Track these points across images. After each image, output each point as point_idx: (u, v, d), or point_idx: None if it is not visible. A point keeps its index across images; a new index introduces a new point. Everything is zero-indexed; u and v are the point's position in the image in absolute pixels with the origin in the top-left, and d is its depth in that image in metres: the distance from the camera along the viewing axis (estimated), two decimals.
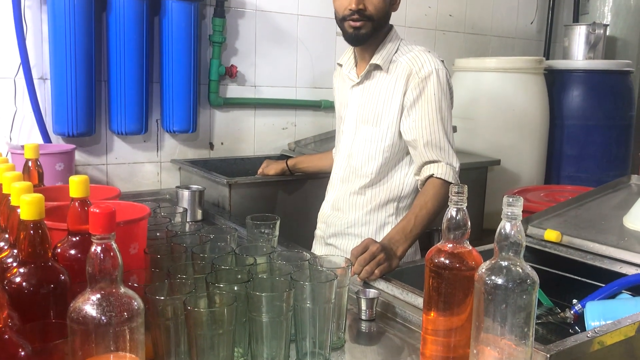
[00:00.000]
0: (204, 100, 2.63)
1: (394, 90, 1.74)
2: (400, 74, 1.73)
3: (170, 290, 1.05)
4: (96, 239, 0.83)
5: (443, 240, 1.06)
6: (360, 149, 1.81)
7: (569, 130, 3.38)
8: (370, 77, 1.81)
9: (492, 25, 3.72)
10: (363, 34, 1.72)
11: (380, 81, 1.78)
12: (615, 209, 1.92)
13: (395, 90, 1.74)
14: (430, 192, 1.66)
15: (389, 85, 1.76)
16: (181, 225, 1.53)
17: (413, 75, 1.71)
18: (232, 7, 2.65)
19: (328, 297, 1.07)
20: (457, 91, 3.23)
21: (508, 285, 0.95)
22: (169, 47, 2.38)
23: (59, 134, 2.27)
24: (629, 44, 3.87)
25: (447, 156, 1.70)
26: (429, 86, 1.69)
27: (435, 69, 1.70)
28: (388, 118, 1.76)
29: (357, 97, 1.84)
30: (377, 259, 1.45)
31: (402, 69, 1.73)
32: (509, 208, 0.97)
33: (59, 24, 2.14)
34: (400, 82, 1.73)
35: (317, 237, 1.99)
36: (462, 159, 2.83)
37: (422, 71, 1.70)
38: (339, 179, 1.90)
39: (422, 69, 1.70)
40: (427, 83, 1.69)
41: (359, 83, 1.83)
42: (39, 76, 2.27)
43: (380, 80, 1.78)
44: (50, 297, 0.91)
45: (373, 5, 1.69)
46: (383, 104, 1.76)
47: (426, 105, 1.69)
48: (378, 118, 1.77)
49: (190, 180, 2.43)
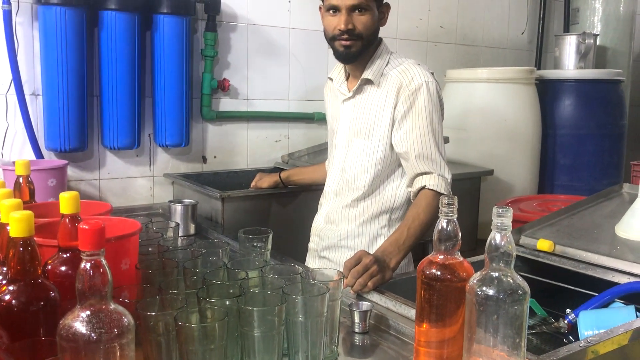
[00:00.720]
0: (197, 114, 2.64)
1: (384, 104, 1.75)
2: (390, 87, 1.75)
3: (162, 305, 1.04)
4: (86, 256, 0.82)
5: (434, 252, 1.06)
6: (353, 162, 1.82)
7: (562, 140, 3.40)
8: (361, 91, 1.82)
9: (483, 36, 3.75)
10: (353, 52, 1.73)
11: (371, 95, 1.79)
12: (607, 217, 1.93)
13: (386, 104, 1.75)
14: (423, 204, 1.66)
15: (380, 98, 1.77)
16: (173, 240, 1.52)
17: (403, 89, 1.72)
18: (223, 21, 2.66)
19: (320, 311, 1.07)
20: (449, 102, 3.26)
21: (499, 296, 0.95)
22: (161, 61, 2.39)
23: (51, 149, 2.27)
24: (619, 53, 3.90)
25: (438, 168, 1.70)
26: (419, 99, 1.70)
27: (425, 81, 1.71)
28: (379, 131, 1.76)
29: (349, 110, 1.85)
30: (370, 271, 1.45)
31: (392, 82, 1.75)
32: (499, 219, 0.97)
33: (50, 40, 2.15)
34: (391, 96, 1.74)
35: (310, 250, 1.99)
36: (455, 170, 2.85)
37: (412, 84, 1.71)
38: (332, 192, 1.90)
39: (412, 82, 1.71)
40: (418, 96, 1.70)
41: (351, 97, 1.84)
42: (31, 92, 2.27)
43: (372, 94, 1.79)
44: (39, 314, 0.90)
45: (362, 25, 1.70)
46: (375, 117, 1.77)
47: (417, 117, 1.70)
48: (370, 131, 1.78)
49: (183, 194, 2.42)
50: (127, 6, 2.25)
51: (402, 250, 1.61)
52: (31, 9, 2.23)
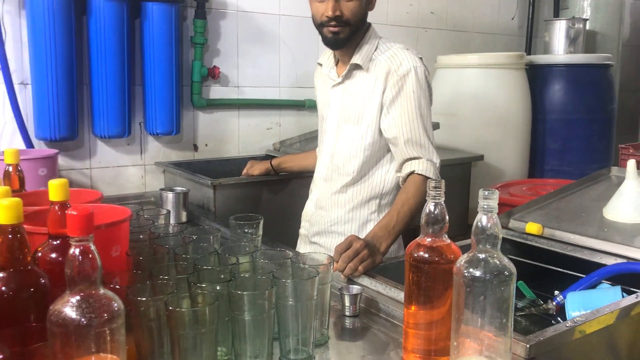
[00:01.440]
0: (187, 102, 2.63)
1: (373, 89, 1.76)
2: (379, 72, 1.75)
3: (153, 291, 1.05)
4: (74, 241, 0.83)
5: (422, 235, 1.07)
6: (343, 147, 1.83)
7: (551, 125, 3.42)
8: (350, 76, 1.82)
9: (473, 22, 3.75)
10: (342, 39, 1.73)
11: (360, 80, 1.79)
12: (595, 200, 1.95)
13: (375, 89, 1.75)
14: (412, 189, 1.67)
15: (368, 83, 1.77)
16: (164, 227, 1.53)
17: (392, 73, 1.72)
18: (213, 8, 2.65)
19: (310, 294, 1.08)
20: (440, 88, 3.28)
21: (486, 277, 0.97)
22: (151, 49, 2.38)
23: (41, 139, 2.26)
24: (608, 37, 3.91)
25: (427, 153, 1.71)
26: (408, 84, 1.71)
27: (413, 66, 1.72)
28: (368, 116, 1.77)
29: (339, 96, 1.85)
30: (360, 255, 1.46)
31: (381, 67, 1.75)
32: (485, 201, 0.98)
33: (38, 28, 2.13)
34: (380, 80, 1.74)
35: (301, 236, 2.00)
36: (446, 155, 2.87)
37: (400, 69, 1.72)
38: (322, 178, 1.91)
39: (400, 66, 1.72)
40: (406, 81, 1.71)
41: (340, 83, 1.84)
42: (20, 81, 2.26)
43: (361, 79, 1.79)
44: (30, 301, 0.91)
45: (349, 11, 1.70)
46: (364, 103, 1.78)
47: (405, 102, 1.71)
48: (359, 116, 1.79)
49: (175, 182, 2.42)
50: None
51: (392, 234, 1.62)
52: None
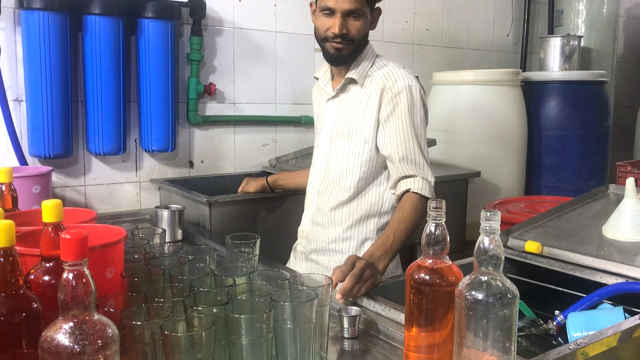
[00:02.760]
0: (183, 118, 2.62)
1: (367, 105, 1.76)
2: (374, 88, 1.75)
3: (148, 314, 1.03)
4: (68, 266, 0.81)
5: (423, 256, 1.05)
6: (338, 162, 1.82)
7: (547, 141, 3.42)
8: (345, 90, 1.82)
9: (468, 39, 3.76)
10: (344, 56, 1.75)
11: (355, 95, 1.79)
12: (594, 218, 1.94)
13: (369, 105, 1.75)
14: (408, 207, 1.66)
15: (362, 99, 1.77)
16: (160, 246, 1.51)
17: (386, 90, 1.72)
18: (209, 25, 2.65)
19: (309, 317, 1.05)
20: (436, 104, 3.28)
21: (488, 300, 0.95)
22: (146, 66, 2.37)
23: (35, 156, 2.24)
24: (602, 54, 3.93)
25: (422, 171, 1.71)
26: (402, 101, 1.71)
27: (408, 85, 1.72)
28: (363, 132, 1.76)
29: (333, 110, 1.85)
30: (364, 275, 1.44)
31: (376, 83, 1.75)
32: (487, 222, 0.97)
33: (33, 45, 2.12)
34: (374, 97, 1.74)
35: (297, 252, 1.98)
36: (442, 172, 2.86)
37: (395, 86, 1.72)
38: (315, 192, 1.90)
39: (395, 84, 1.72)
40: (401, 98, 1.71)
41: (335, 96, 1.85)
42: (14, 98, 2.24)
43: (355, 94, 1.79)
44: (22, 326, 0.88)
45: (356, 29, 1.71)
46: (357, 118, 1.77)
47: (400, 120, 1.71)
48: (352, 132, 1.78)
49: (170, 200, 2.40)
50: (111, 11, 2.23)
51: (389, 253, 1.60)
52: (14, 14, 2.20)
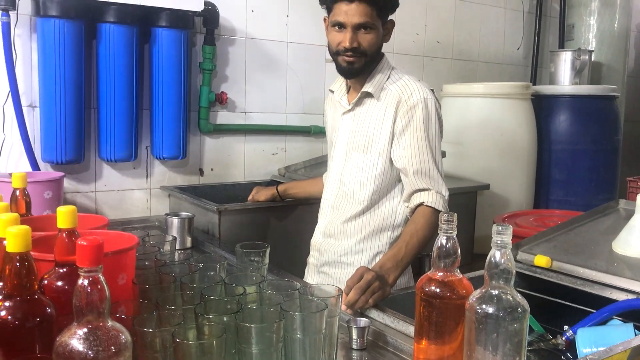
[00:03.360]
0: (194, 126, 2.64)
1: (384, 118, 1.76)
2: (390, 101, 1.75)
3: (159, 321, 1.03)
4: (83, 272, 0.82)
5: (433, 269, 1.05)
6: (352, 175, 1.82)
7: (557, 155, 3.41)
8: (361, 104, 1.82)
9: (479, 52, 3.77)
10: (356, 69, 1.75)
11: (370, 108, 1.80)
12: (604, 233, 1.93)
13: (385, 118, 1.75)
14: (421, 220, 1.66)
15: (379, 112, 1.77)
16: (170, 254, 1.51)
17: (402, 103, 1.73)
18: (222, 35, 2.67)
19: (319, 327, 1.06)
20: (445, 117, 3.24)
21: (499, 314, 0.95)
22: (159, 74, 2.39)
23: (47, 161, 2.26)
24: (613, 69, 3.93)
25: (436, 185, 1.71)
26: (418, 114, 1.71)
27: (423, 98, 1.72)
28: (379, 145, 1.77)
29: (348, 123, 1.85)
30: (372, 287, 1.44)
31: (392, 96, 1.75)
32: (499, 236, 0.97)
33: (48, 52, 2.15)
34: (390, 110, 1.75)
35: (310, 265, 1.98)
36: (452, 184, 2.85)
37: (410, 99, 1.72)
38: (330, 205, 1.90)
39: (410, 97, 1.72)
40: (416, 111, 1.71)
41: (350, 110, 1.85)
42: (28, 104, 2.27)
43: (371, 107, 1.79)
44: (36, 331, 0.89)
45: (367, 42, 1.71)
46: (373, 131, 1.77)
47: (415, 133, 1.71)
48: (368, 145, 1.78)
49: (180, 207, 2.41)
50: (125, 19, 2.25)
51: (400, 266, 1.60)
52: (30, 21, 2.23)
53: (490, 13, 3.79)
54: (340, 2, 1.69)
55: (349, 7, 1.68)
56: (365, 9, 1.68)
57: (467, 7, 3.65)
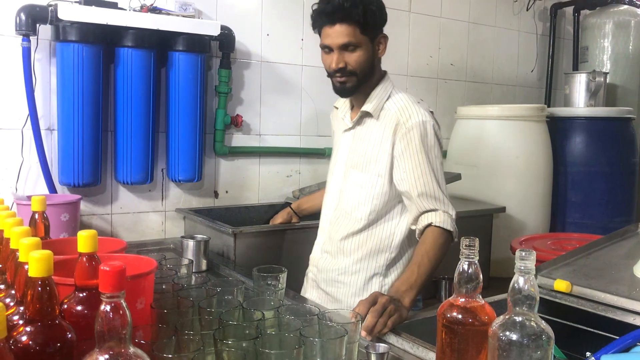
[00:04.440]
0: (209, 149, 2.65)
1: (382, 138, 1.77)
2: (389, 122, 1.77)
3: (178, 347, 1.03)
4: (106, 298, 0.81)
5: (455, 294, 1.04)
6: (351, 193, 1.83)
7: (573, 177, 3.39)
8: (361, 123, 1.85)
9: (493, 74, 3.78)
10: (349, 88, 1.78)
11: (370, 127, 1.81)
12: (624, 258, 1.90)
13: (384, 139, 1.77)
14: (431, 241, 1.65)
15: (378, 132, 1.79)
16: (187, 277, 1.51)
17: (400, 126, 1.74)
18: (237, 59, 2.69)
19: (338, 354, 1.05)
20: (460, 139, 3.28)
21: (523, 341, 0.93)
22: (176, 97, 2.41)
23: (64, 184, 2.28)
24: (628, 91, 3.91)
25: (442, 205, 1.70)
26: (416, 137, 1.72)
27: (422, 120, 1.73)
28: (377, 166, 1.77)
29: (348, 141, 1.87)
30: (388, 310, 1.43)
31: (390, 117, 1.77)
32: (522, 262, 0.95)
33: (67, 76, 2.18)
34: (389, 131, 1.76)
35: (308, 279, 1.99)
36: (467, 207, 2.85)
37: (409, 122, 1.73)
38: (327, 221, 1.91)
39: (409, 119, 1.73)
40: (414, 134, 1.72)
41: (351, 128, 1.87)
42: (47, 127, 2.29)
43: (370, 126, 1.81)
44: (56, 356, 0.89)
45: (354, 61, 1.74)
46: (372, 151, 1.79)
47: (415, 156, 1.71)
48: (366, 164, 1.79)
49: (195, 229, 2.42)
50: (143, 44, 2.28)
51: (414, 288, 1.59)
52: (49, 46, 2.27)
53: (504, 36, 3.80)
54: (325, 27, 1.74)
55: (332, 30, 1.72)
56: (347, 29, 1.71)
57: (481, 30, 3.67)
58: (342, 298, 1.83)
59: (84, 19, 2.14)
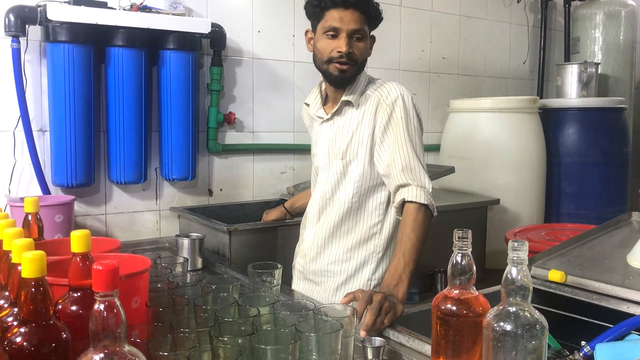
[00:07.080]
0: (203, 147, 2.65)
1: (362, 122, 1.78)
2: (369, 106, 1.78)
3: (174, 344, 1.03)
4: (99, 297, 0.81)
5: (449, 287, 1.04)
6: (334, 182, 1.83)
7: (566, 168, 3.40)
8: (340, 113, 1.85)
9: (485, 67, 3.78)
10: (347, 77, 1.77)
11: (349, 116, 1.82)
12: (618, 247, 1.91)
13: (365, 122, 1.78)
14: (409, 222, 1.63)
15: (357, 118, 1.80)
16: (182, 275, 1.51)
17: (381, 103, 1.75)
18: (229, 56, 2.69)
19: (334, 348, 1.05)
20: (453, 132, 3.29)
21: (517, 331, 0.94)
22: (168, 96, 2.41)
23: (58, 185, 2.27)
24: (620, 81, 3.92)
25: (418, 177, 1.69)
26: (396, 110, 1.73)
27: (400, 94, 1.75)
28: (358, 150, 1.78)
29: (327, 132, 1.87)
30: (383, 308, 1.43)
31: (371, 101, 1.78)
32: (515, 252, 0.96)
33: (58, 76, 2.17)
34: (370, 113, 1.77)
35: (295, 271, 1.98)
36: (461, 199, 2.86)
37: (389, 97, 1.75)
38: (315, 213, 1.90)
39: (388, 95, 1.75)
40: (395, 107, 1.73)
41: (329, 119, 1.87)
42: (38, 128, 2.28)
43: (350, 115, 1.82)
44: (51, 356, 0.89)
45: (359, 50, 1.75)
46: (352, 137, 1.79)
47: (395, 128, 1.72)
48: (347, 151, 1.80)
49: (190, 228, 2.41)
50: (134, 43, 2.28)
51: (404, 278, 1.57)
52: (39, 47, 2.26)
53: (495, 28, 3.80)
54: (333, 9, 1.71)
55: (344, 14, 1.70)
56: (359, 17, 1.71)
57: (472, 23, 3.67)
58: (333, 288, 1.84)
59: (74, 19, 2.13)
